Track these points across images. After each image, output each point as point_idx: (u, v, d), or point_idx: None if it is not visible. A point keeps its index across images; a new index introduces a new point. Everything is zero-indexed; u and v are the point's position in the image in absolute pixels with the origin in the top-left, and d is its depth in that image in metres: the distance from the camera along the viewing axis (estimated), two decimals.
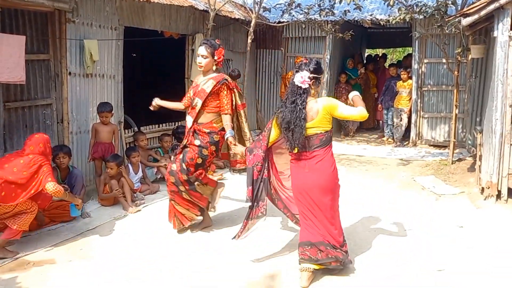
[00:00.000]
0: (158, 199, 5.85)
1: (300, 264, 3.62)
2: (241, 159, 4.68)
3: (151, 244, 4.41)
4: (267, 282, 3.63)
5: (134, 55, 10.79)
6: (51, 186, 4.02)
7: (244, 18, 8.79)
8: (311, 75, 3.52)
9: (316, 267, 3.60)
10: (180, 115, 8.38)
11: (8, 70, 4.68)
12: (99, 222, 4.95)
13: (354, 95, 3.73)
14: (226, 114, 4.39)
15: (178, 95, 5.23)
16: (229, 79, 4.48)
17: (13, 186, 3.93)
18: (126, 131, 6.78)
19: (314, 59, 3.63)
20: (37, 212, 4.29)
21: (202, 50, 4.29)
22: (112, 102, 6.22)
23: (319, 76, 3.60)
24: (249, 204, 3.82)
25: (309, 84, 3.53)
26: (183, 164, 4.42)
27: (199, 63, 4.35)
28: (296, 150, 3.56)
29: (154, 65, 10.63)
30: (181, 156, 4.47)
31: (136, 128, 6.90)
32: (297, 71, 3.56)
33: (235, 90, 4.52)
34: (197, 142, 4.40)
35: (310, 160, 3.56)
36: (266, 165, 3.82)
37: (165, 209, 5.45)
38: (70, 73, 5.63)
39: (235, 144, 4.26)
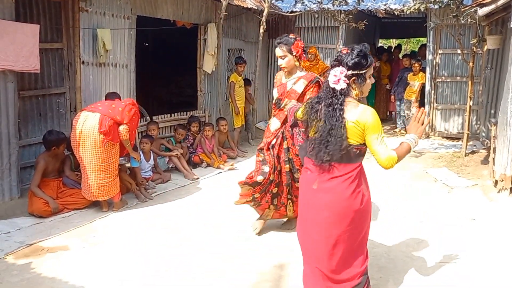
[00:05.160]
0: (169, 188, 5.89)
1: None
2: None
3: (163, 232, 4.45)
4: (277, 272, 3.65)
5: (147, 44, 10.82)
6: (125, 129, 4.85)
7: (256, 8, 8.74)
8: (350, 72, 2.70)
9: None
10: (192, 105, 8.41)
11: (22, 58, 4.73)
12: (111, 210, 5.01)
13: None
14: None
15: (189, 85, 5.24)
16: (322, 79, 4.11)
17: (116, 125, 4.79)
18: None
19: (358, 47, 2.73)
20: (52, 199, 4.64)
21: (278, 52, 4.03)
22: (125, 91, 6.26)
23: (363, 71, 2.71)
24: None
25: (348, 84, 2.71)
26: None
27: (280, 65, 4.08)
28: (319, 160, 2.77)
29: (166, 55, 10.66)
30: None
31: (148, 118, 6.93)
32: (331, 67, 2.77)
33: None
34: (284, 145, 4.11)
35: (322, 175, 2.76)
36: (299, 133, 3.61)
37: (176, 197, 5.51)
38: (83, 62, 5.66)
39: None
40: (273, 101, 4.24)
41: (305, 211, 2.88)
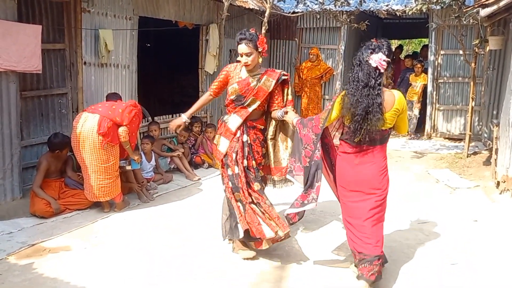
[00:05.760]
0: (171, 188, 5.90)
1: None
2: (280, 167, 4.03)
3: (165, 232, 4.45)
4: (277, 273, 3.65)
5: (149, 45, 10.83)
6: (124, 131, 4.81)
7: (258, 8, 8.74)
8: (387, 59, 3.15)
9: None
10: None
11: (25, 59, 4.74)
12: (113, 210, 5.01)
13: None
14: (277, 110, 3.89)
15: (191, 85, 5.25)
16: (286, 73, 3.96)
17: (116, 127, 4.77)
18: None
19: (385, 40, 3.23)
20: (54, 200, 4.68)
21: (243, 48, 3.74)
22: (126, 92, 6.27)
23: (390, 62, 3.25)
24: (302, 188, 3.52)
25: (384, 69, 3.17)
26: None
27: (245, 63, 3.78)
28: (357, 140, 3.22)
29: (168, 55, 10.67)
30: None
31: (150, 118, 6.94)
32: (371, 52, 3.15)
33: (289, 84, 4.01)
34: (245, 138, 3.86)
35: (362, 152, 3.27)
36: (319, 147, 3.42)
37: (178, 198, 5.52)
38: (85, 63, 5.66)
39: (286, 112, 3.75)
40: (231, 97, 3.87)
41: (347, 182, 3.36)
